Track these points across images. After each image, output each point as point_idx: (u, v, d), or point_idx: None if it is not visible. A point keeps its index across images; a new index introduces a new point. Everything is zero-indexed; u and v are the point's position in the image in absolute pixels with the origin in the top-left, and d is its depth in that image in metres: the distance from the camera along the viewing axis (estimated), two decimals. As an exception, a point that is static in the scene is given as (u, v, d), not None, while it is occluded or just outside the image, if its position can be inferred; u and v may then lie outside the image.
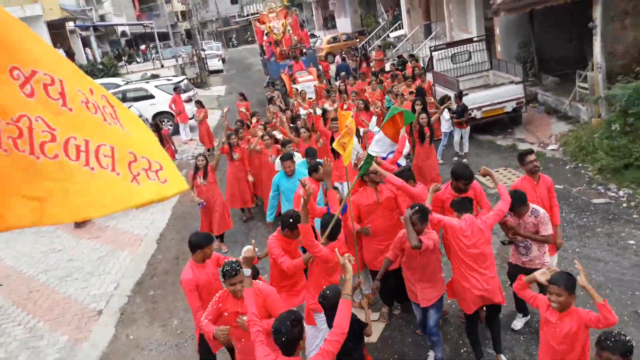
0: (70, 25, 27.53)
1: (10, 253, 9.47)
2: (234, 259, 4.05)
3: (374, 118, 9.73)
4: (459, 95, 10.43)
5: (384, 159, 6.08)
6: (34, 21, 23.02)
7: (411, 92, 11.21)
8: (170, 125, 16.74)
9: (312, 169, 6.24)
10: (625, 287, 5.81)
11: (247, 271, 3.73)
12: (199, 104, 14.30)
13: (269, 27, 18.02)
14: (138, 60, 38.32)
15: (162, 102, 16.82)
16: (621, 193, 8.06)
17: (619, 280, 5.94)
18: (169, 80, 18.00)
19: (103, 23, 35.75)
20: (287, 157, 7.00)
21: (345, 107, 10.20)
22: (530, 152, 5.37)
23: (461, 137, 10.41)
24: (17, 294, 7.88)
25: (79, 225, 9.98)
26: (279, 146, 8.43)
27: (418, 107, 8.61)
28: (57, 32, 26.15)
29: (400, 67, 15.94)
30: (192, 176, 7.82)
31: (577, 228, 7.22)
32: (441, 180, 7.86)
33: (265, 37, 18.46)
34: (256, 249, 4.02)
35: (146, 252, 8.82)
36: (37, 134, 2.26)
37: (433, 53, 13.08)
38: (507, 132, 12.00)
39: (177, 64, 27.26)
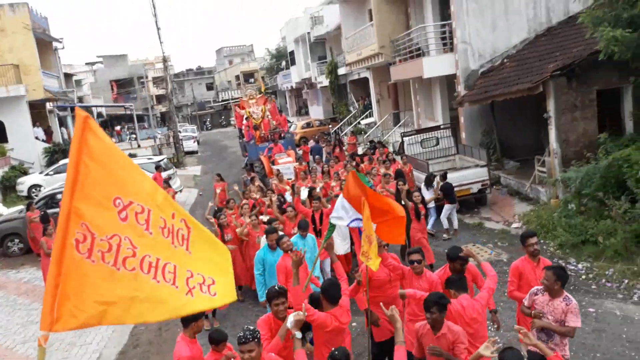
0: (50, 105, 28.19)
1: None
2: (251, 327, 3.91)
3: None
4: (444, 175, 11.09)
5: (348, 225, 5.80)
6: (16, 100, 23.60)
7: (385, 174, 11.69)
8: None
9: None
10: (588, 350, 6.29)
11: (298, 334, 3.89)
12: (167, 183, 14.67)
13: (249, 112, 18.99)
14: (114, 140, 38.95)
15: (142, 179, 17.21)
16: (580, 266, 8.72)
17: (582, 344, 6.42)
18: (149, 159, 18.55)
19: (83, 104, 36.56)
20: (272, 231, 7.11)
21: (332, 185, 10.67)
22: (532, 234, 5.48)
23: (449, 214, 10.99)
24: (-5, 365, 7.79)
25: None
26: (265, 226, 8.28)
27: (402, 187, 9.20)
28: (37, 111, 26.72)
29: (372, 151, 16.91)
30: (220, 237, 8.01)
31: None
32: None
33: (244, 121, 19.30)
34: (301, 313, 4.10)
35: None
36: (122, 250, 2.83)
37: (404, 138, 14.11)
38: (474, 211, 12.78)
39: (155, 144, 27.91)
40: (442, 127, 14.60)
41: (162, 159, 18.41)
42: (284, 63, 45.63)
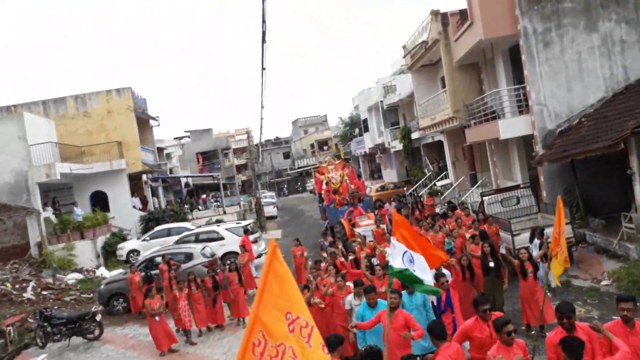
0: (145, 177, 30.82)
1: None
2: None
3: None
4: (541, 232, 10.95)
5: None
6: (118, 173, 26.14)
7: (473, 236, 11.08)
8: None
9: None
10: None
11: None
12: (243, 248, 15.33)
13: (328, 177, 19.91)
14: (200, 208, 41.38)
15: (231, 243, 18.39)
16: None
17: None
18: (238, 223, 19.77)
19: (175, 175, 39.48)
20: (371, 290, 7.33)
21: None
22: (626, 299, 5.11)
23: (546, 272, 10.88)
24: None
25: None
26: (351, 286, 8.51)
27: (487, 249, 9.18)
28: (134, 182, 29.30)
29: (452, 212, 17.09)
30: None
31: None
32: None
33: (324, 186, 20.24)
34: None
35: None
36: (286, 357, 3.31)
37: (484, 198, 14.36)
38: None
39: (240, 210, 29.50)
40: (522, 186, 14.75)
41: (249, 224, 19.58)
42: (357, 130, 47.23)
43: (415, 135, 30.56)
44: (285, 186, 64.94)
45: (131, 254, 22.69)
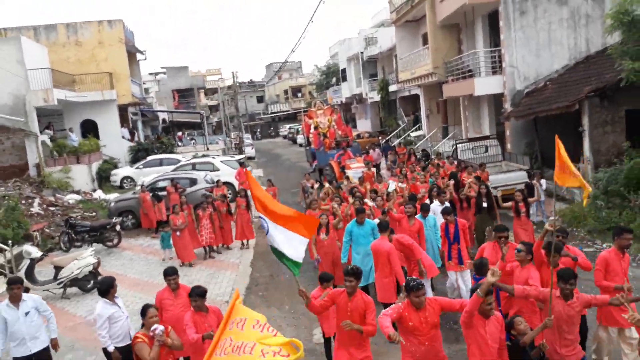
0: (134, 109, 31.74)
1: (134, 270, 12.28)
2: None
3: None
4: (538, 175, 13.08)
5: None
6: (108, 104, 27.08)
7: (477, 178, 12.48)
8: (230, 194, 19.84)
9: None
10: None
11: None
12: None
13: (317, 122, 21.54)
14: (179, 144, 42.50)
15: (226, 174, 20.10)
16: (604, 245, 10.98)
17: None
18: (232, 157, 21.46)
19: (164, 109, 40.32)
20: (361, 211, 8.83)
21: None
22: (630, 230, 5.99)
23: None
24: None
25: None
26: None
27: (483, 190, 10.64)
28: (120, 114, 30.26)
29: (425, 159, 19.18)
30: (315, 232, 8.56)
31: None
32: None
33: (312, 130, 21.79)
34: None
35: (245, 271, 11.61)
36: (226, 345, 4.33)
37: (458, 145, 16.55)
38: (517, 208, 15.04)
39: (225, 146, 31.05)
40: (490, 137, 17.00)
41: (242, 157, 21.33)
42: (334, 79, 48.62)
43: (392, 88, 32.42)
44: (259, 130, 66.03)
45: (124, 180, 24.18)
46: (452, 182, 12.49)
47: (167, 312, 6.37)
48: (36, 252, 10.67)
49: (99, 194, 22.34)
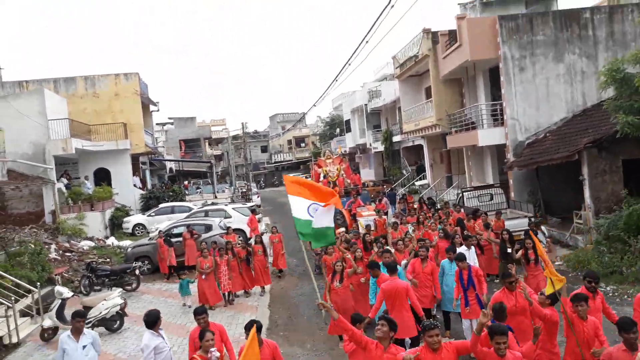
0: (144, 158, 32.67)
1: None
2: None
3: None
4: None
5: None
6: (122, 153, 28.01)
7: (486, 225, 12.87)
8: (241, 240, 20.37)
9: None
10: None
11: None
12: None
13: (326, 171, 22.30)
14: (186, 192, 43.28)
15: (238, 220, 20.72)
16: (608, 288, 11.49)
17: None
18: (243, 204, 22.14)
19: (174, 159, 41.40)
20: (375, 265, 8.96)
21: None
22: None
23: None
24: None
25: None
26: None
27: (506, 236, 11.36)
28: (132, 163, 31.16)
29: (430, 207, 19.82)
30: (330, 279, 9.46)
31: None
32: None
33: (321, 179, 22.41)
34: None
35: (264, 313, 12.05)
36: None
37: (464, 193, 17.27)
38: (523, 254, 15.59)
39: (232, 194, 31.78)
40: (495, 185, 17.73)
41: (254, 205, 21.99)
42: (338, 130, 49.98)
43: (396, 138, 33.48)
44: (262, 179, 67.06)
45: (136, 227, 24.76)
46: (458, 228, 13.09)
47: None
48: (67, 293, 11.18)
49: (112, 241, 22.86)
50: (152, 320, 6.63)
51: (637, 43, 18.68)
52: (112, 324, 11.35)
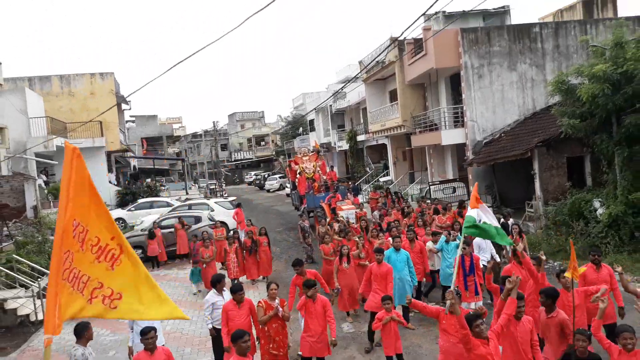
0: (117, 155, 33.35)
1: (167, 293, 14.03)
2: None
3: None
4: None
5: None
6: (98, 150, 28.74)
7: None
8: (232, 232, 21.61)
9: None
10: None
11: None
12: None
13: (302, 167, 23.69)
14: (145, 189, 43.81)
15: (220, 214, 22.08)
16: (555, 264, 13.78)
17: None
18: (225, 198, 23.52)
19: (153, 156, 41.87)
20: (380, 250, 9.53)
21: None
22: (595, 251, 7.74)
23: None
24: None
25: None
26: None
27: None
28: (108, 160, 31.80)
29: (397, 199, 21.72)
30: (337, 261, 10.33)
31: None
32: None
33: (298, 176, 23.37)
34: None
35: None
36: (66, 263, 3.99)
37: (431, 186, 19.39)
38: (483, 239, 17.84)
39: (206, 190, 32.98)
40: (457, 180, 19.95)
41: (234, 199, 23.40)
42: (300, 129, 51.68)
43: (360, 138, 35.54)
44: (222, 177, 67.87)
45: (117, 222, 25.60)
46: (437, 216, 14.92)
47: (232, 321, 7.35)
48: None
49: (96, 234, 23.74)
50: (216, 280, 8.15)
51: (578, 55, 21.40)
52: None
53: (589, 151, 16.20)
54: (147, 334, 6.23)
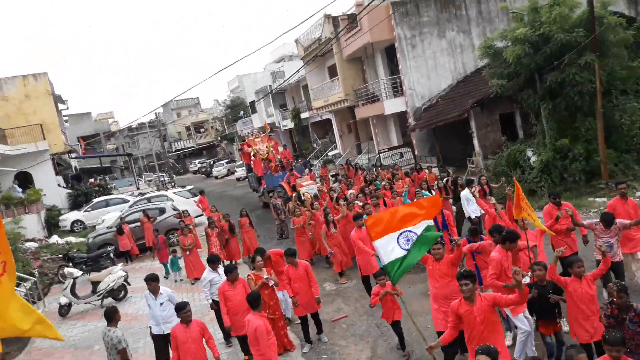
0: (63, 157, 32.70)
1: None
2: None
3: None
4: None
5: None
6: (42, 154, 28.15)
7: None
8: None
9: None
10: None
11: None
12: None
13: (256, 149, 24.35)
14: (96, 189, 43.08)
15: (180, 203, 22.54)
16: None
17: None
18: (183, 188, 23.99)
19: (97, 155, 41.15)
20: (358, 217, 10.28)
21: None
22: (622, 182, 8.34)
23: None
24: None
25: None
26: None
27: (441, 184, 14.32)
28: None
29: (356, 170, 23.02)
30: (325, 228, 11.43)
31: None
32: None
33: (252, 158, 23.81)
34: None
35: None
36: None
37: (380, 154, 20.78)
38: (432, 197, 19.47)
39: (158, 183, 33.10)
40: (404, 145, 21.44)
41: (192, 187, 23.93)
42: (242, 112, 51.92)
43: (304, 115, 36.50)
44: (166, 168, 67.12)
45: (75, 224, 25.60)
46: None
47: (230, 300, 7.86)
48: (77, 272, 12.93)
49: (56, 239, 23.64)
50: (211, 258, 9.04)
51: (500, 19, 23.22)
52: (117, 294, 13.27)
53: (518, 107, 17.99)
54: (185, 308, 6.68)
